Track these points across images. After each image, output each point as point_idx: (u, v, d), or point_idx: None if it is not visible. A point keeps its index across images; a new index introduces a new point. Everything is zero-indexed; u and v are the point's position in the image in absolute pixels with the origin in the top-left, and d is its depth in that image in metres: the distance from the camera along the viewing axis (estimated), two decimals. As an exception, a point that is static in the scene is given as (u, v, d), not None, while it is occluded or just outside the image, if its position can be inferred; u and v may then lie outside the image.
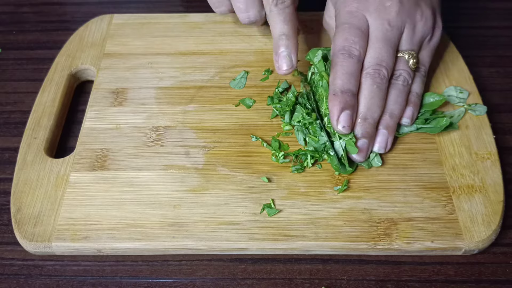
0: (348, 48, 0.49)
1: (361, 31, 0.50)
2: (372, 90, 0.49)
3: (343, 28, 0.50)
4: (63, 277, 0.46)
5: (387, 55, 0.49)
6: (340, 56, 0.49)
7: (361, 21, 0.50)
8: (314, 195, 0.48)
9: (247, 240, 0.46)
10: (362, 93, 0.49)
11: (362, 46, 0.49)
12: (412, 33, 0.51)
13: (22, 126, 0.55)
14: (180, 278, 0.46)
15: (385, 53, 0.49)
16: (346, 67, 0.48)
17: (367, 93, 0.49)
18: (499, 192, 0.48)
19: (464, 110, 0.54)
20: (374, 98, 0.49)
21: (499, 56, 0.64)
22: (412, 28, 0.51)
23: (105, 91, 0.57)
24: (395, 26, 0.50)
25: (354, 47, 0.49)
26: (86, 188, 0.49)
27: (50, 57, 0.62)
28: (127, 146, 0.52)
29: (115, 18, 0.65)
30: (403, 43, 0.51)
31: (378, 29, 0.50)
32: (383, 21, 0.50)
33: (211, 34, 0.63)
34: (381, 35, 0.50)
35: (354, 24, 0.50)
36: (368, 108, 0.49)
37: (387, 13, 0.50)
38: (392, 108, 0.50)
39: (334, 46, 0.50)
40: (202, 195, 0.48)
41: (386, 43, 0.50)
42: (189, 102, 0.56)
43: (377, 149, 0.50)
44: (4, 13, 0.71)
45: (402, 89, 0.51)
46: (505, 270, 0.46)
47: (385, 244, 0.45)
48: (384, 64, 0.49)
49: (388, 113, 0.50)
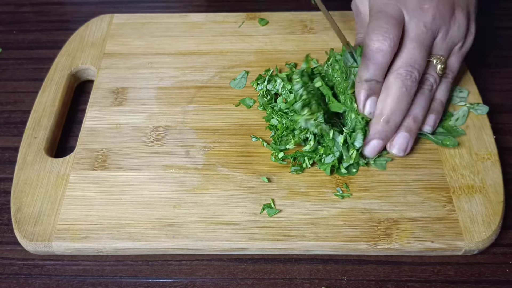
0: (382, 37, 0.47)
1: (398, 22, 0.48)
2: (401, 93, 0.48)
3: (377, 16, 0.49)
4: (63, 277, 0.46)
5: (420, 57, 0.48)
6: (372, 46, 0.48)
7: (398, 12, 0.49)
8: (314, 195, 0.48)
9: (247, 240, 0.46)
10: (390, 94, 0.48)
11: (396, 36, 0.47)
12: (444, 38, 0.50)
13: (22, 125, 0.55)
14: (180, 278, 0.46)
15: (419, 55, 0.48)
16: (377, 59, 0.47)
17: (394, 95, 0.48)
18: (499, 193, 0.48)
19: (468, 110, 0.54)
20: (401, 102, 0.48)
21: (499, 56, 0.63)
22: (445, 33, 0.50)
23: (105, 91, 0.57)
24: (430, 30, 0.49)
25: (388, 37, 0.47)
26: (86, 188, 0.49)
27: (51, 56, 0.62)
28: (127, 146, 0.52)
29: (116, 18, 0.65)
30: (435, 47, 0.50)
31: (413, 30, 0.49)
32: (419, 22, 0.49)
33: (212, 34, 0.63)
34: (416, 36, 0.49)
35: (391, 14, 0.48)
36: (393, 112, 0.48)
37: (424, 15, 0.49)
38: (416, 112, 0.49)
39: (368, 33, 0.48)
40: (202, 195, 0.48)
41: (420, 45, 0.48)
42: (189, 102, 0.56)
43: (396, 151, 0.49)
44: (5, 12, 0.71)
45: (427, 94, 0.50)
46: (505, 271, 0.46)
47: (385, 244, 0.45)
48: (417, 66, 0.48)
49: (412, 117, 0.49)
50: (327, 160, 0.49)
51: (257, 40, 0.62)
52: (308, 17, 0.64)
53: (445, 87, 0.52)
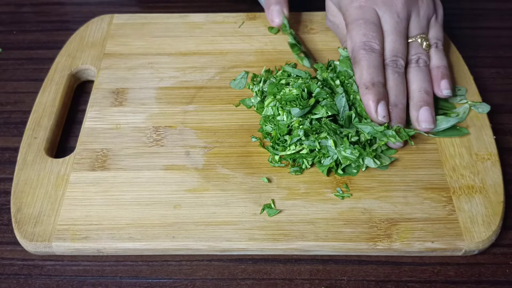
0: (369, 43, 0.51)
1: (376, 25, 0.52)
2: (395, 78, 0.51)
3: (358, 24, 0.53)
4: (63, 277, 0.46)
5: (401, 46, 0.52)
6: (362, 52, 0.51)
7: (373, 15, 0.53)
8: (314, 195, 0.48)
9: (247, 240, 0.46)
10: (388, 83, 0.51)
11: (380, 40, 0.52)
12: (417, 18, 0.54)
13: (22, 126, 0.55)
14: (180, 278, 0.46)
15: (399, 45, 0.52)
16: (371, 61, 0.51)
17: (392, 82, 0.51)
18: (499, 193, 0.48)
19: (469, 107, 0.54)
20: (399, 85, 0.51)
21: (499, 56, 0.63)
22: (417, 14, 0.54)
23: (105, 91, 0.57)
24: (403, 17, 0.53)
25: (374, 42, 0.52)
26: (86, 188, 0.49)
27: (51, 57, 0.62)
28: (127, 146, 0.52)
29: (116, 18, 0.65)
30: (412, 29, 0.54)
31: (389, 23, 0.53)
32: (393, 14, 0.53)
33: (212, 34, 0.63)
34: (392, 28, 0.53)
35: (368, 19, 0.52)
36: (396, 95, 0.51)
37: (394, 5, 0.53)
38: (425, 86, 0.52)
39: (354, 43, 0.52)
40: (202, 195, 0.48)
41: (398, 35, 0.53)
42: (189, 102, 0.56)
43: (425, 125, 0.51)
44: (5, 13, 0.71)
45: (425, 69, 0.53)
46: (505, 271, 0.46)
47: (385, 245, 0.45)
48: (400, 55, 0.52)
49: (424, 91, 0.52)
50: (325, 163, 0.49)
51: (257, 40, 0.62)
52: (308, 17, 0.64)
53: (440, 55, 0.55)
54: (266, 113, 0.52)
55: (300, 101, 0.51)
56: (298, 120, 0.50)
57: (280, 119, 0.51)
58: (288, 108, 0.51)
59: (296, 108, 0.50)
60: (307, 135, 0.50)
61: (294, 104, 0.50)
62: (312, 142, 0.50)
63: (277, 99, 0.52)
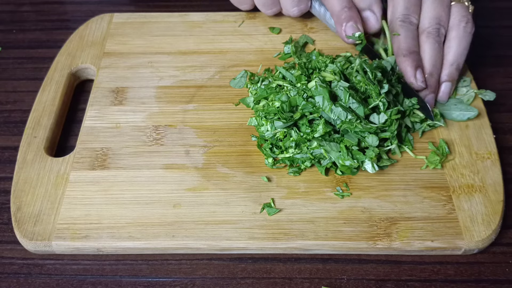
0: (408, 17, 0.53)
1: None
2: (435, 48, 0.52)
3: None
4: (63, 276, 0.46)
5: (444, 14, 0.53)
6: (402, 24, 0.53)
7: None
8: (314, 194, 0.48)
9: (247, 239, 0.46)
10: (426, 52, 0.53)
11: (418, 13, 0.54)
12: None
13: (22, 125, 0.55)
14: (180, 277, 0.46)
15: (442, 12, 0.53)
16: (409, 33, 0.53)
17: (431, 51, 0.52)
18: (499, 192, 0.48)
19: (474, 95, 0.54)
20: (437, 55, 0.53)
21: (499, 56, 0.63)
22: None
23: (105, 90, 0.57)
24: None
25: (413, 16, 0.53)
26: (86, 187, 0.49)
27: (50, 56, 0.62)
28: (127, 145, 0.52)
29: (115, 17, 0.65)
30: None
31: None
32: None
33: (211, 33, 0.63)
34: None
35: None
36: (433, 65, 0.52)
37: None
38: (459, 61, 0.53)
39: (395, 14, 0.54)
40: (202, 194, 0.48)
41: (440, 2, 0.53)
42: (189, 101, 0.56)
43: (440, 98, 0.53)
44: (5, 12, 0.71)
45: (468, 38, 0.54)
46: (505, 270, 0.46)
47: (385, 244, 0.45)
48: (442, 23, 0.53)
49: (456, 66, 0.53)
50: (323, 163, 0.49)
51: (257, 39, 0.62)
52: (308, 16, 0.64)
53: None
54: (250, 123, 0.53)
55: (281, 114, 0.50)
56: (283, 131, 0.50)
57: (264, 129, 0.51)
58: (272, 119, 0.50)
59: (279, 122, 0.50)
60: (298, 145, 0.49)
61: (276, 117, 0.50)
62: (304, 154, 0.49)
63: (259, 110, 0.52)
